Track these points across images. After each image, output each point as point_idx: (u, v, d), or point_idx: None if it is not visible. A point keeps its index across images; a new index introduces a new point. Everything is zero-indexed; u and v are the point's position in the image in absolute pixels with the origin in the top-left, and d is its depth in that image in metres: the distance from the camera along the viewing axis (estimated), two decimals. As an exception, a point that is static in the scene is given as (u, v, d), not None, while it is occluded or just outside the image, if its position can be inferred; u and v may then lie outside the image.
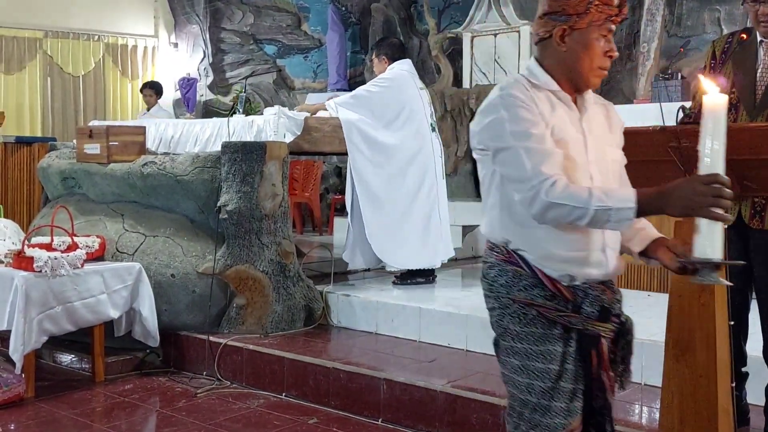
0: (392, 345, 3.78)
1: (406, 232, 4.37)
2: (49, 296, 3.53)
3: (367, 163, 4.34)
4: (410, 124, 4.39)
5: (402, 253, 4.38)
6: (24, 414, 3.34)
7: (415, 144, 4.40)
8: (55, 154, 4.95)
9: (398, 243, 4.37)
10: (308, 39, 9.09)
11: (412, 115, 4.40)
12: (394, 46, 4.59)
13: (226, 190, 4.02)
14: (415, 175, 4.38)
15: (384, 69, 4.51)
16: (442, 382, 3.13)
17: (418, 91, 4.49)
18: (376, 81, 4.45)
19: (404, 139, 4.38)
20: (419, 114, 4.43)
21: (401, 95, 4.39)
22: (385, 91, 4.38)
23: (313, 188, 7.34)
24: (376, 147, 4.36)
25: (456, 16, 8.06)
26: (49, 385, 3.71)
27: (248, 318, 4.01)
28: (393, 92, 4.38)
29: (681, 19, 6.50)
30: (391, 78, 4.42)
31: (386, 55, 4.51)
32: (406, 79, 4.45)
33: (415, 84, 4.50)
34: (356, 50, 8.87)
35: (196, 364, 3.94)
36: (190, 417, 3.29)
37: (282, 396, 3.56)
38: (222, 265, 4.00)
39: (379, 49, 4.57)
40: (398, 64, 4.48)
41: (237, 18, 9.17)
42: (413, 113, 4.40)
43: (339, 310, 4.18)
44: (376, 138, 4.35)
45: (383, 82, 4.42)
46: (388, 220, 4.35)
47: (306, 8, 9.04)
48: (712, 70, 2.60)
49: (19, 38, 8.10)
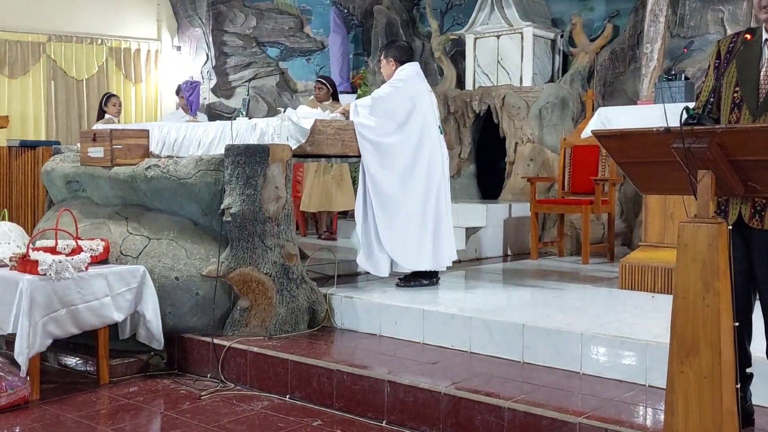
0: (396, 347, 3.78)
1: (416, 233, 4.38)
2: (53, 299, 3.54)
3: (377, 165, 4.36)
4: (420, 125, 4.41)
5: (412, 254, 4.40)
6: (29, 417, 3.35)
7: (423, 145, 4.42)
8: (59, 157, 4.96)
9: (409, 244, 4.38)
10: (311, 41, 9.11)
11: (421, 116, 4.42)
12: (402, 48, 4.60)
13: (229, 193, 4.02)
14: (423, 176, 4.40)
15: (391, 71, 4.52)
16: (445, 383, 3.13)
17: (428, 94, 4.52)
18: (392, 82, 4.47)
19: (413, 139, 4.40)
20: (429, 116, 4.46)
21: (413, 96, 4.42)
22: (399, 91, 4.40)
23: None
24: (383, 149, 4.38)
25: (458, 17, 8.07)
26: (54, 388, 3.72)
27: (252, 320, 4.02)
28: (406, 93, 4.41)
29: (684, 19, 6.50)
30: (404, 80, 4.45)
31: (394, 57, 4.52)
32: (417, 81, 4.48)
33: (425, 86, 4.53)
34: (359, 52, 8.89)
35: (200, 366, 3.94)
36: (194, 419, 3.29)
37: (286, 398, 3.56)
38: (226, 267, 4.00)
39: (388, 51, 4.58)
40: (408, 66, 4.49)
41: (239, 21, 9.20)
42: (423, 115, 4.43)
43: (342, 312, 4.18)
44: (384, 142, 4.37)
45: (398, 83, 4.44)
46: (399, 221, 4.36)
47: (308, 11, 9.06)
48: (716, 70, 2.60)
49: (22, 42, 8.13)
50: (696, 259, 1.98)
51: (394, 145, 4.38)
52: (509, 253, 6.31)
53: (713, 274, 1.95)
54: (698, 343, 1.95)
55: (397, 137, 4.38)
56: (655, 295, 4.21)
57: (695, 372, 1.95)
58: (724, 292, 1.95)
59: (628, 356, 3.17)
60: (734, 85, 2.52)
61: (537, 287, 4.60)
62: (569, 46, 7.33)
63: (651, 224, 4.50)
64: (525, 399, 2.92)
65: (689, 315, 1.98)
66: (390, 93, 4.41)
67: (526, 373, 3.30)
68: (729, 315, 1.97)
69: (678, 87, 4.64)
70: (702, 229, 1.99)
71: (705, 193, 2.01)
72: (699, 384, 1.94)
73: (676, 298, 2.03)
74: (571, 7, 7.39)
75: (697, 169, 2.02)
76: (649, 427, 2.66)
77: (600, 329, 3.36)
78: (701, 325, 1.95)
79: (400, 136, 4.38)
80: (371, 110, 4.37)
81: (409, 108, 4.39)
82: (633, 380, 3.13)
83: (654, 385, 3.03)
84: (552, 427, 2.75)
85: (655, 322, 3.44)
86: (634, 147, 2.12)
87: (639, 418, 2.78)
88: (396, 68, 4.50)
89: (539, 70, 7.21)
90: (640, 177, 2.24)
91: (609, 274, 5.10)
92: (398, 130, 4.38)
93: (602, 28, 7.13)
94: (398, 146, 4.38)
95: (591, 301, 4.13)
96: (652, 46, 5.83)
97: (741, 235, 2.45)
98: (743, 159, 1.98)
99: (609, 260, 5.75)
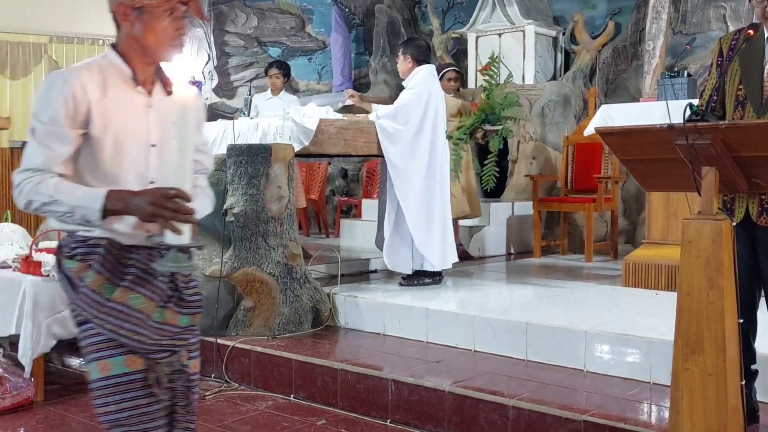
0: (400, 346, 3.78)
1: (431, 231, 4.42)
2: (57, 300, 3.54)
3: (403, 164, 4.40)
4: (431, 126, 4.44)
5: (438, 252, 4.44)
6: (33, 418, 3.35)
7: (435, 145, 4.45)
8: (62, 158, 4.96)
9: (436, 243, 4.43)
10: (312, 41, 9.11)
11: (434, 118, 4.45)
12: (422, 48, 4.59)
13: (232, 193, 4.02)
14: (437, 176, 4.44)
15: (407, 69, 4.52)
16: (449, 382, 3.13)
17: (439, 94, 4.53)
18: (412, 88, 4.48)
19: (427, 140, 4.43)
20: (440, 120, 4.50)
21: (428, 99, 4.45)
22: (418, 96, 4.44)
23: (319, 190, 7.35)
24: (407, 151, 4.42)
25: (460, 16, 8.06)
26: (58, 389, 3.72)
27: (255, 320, 4.02)
28: (423, 97, 4.44)
29: (686, 16, 6.49)
30: (421, 84, 4.47)
31: (412, 55, 4.51)
32: (433, 84, 4.51)
33: (438, 88, 4.55)
34: (360, 51, 8.88)
35: (204, 366, 3.92)
36: (198, 419, 3.27)
37: (290, 397, 3.56)
38: (229, 267, 4.00)
39: (407, 48, 4.57)
40: (425, 68, 4.49)
41: (241, 21, 9.19)
42: (436, 117, 4.46)
43: (346, 311, 4.18)
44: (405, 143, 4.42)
45: (417, 89, 4.46)
46: (423, 220, 4.41)
47: (310, 10, 9.06)
48: (719, 67, 2.59)
49: (24, 44, 8.13)
50: (700, 256, 1.98)
51: (415, 147, 4.43)
52: (512, 252, 6.31)
53: (717, 271, 1.95)
54: (703, 341, 1.95)
55: (416, 139, 4.43)
56: (659, 292, 4.20)
57: (700, 369, 1.94)
58: (729, 289, 1.95)
59: (632, 354, 3.17)
60: (737, 83, 2.51)
61: (540, 285, 4.60)
62: (571, 44, 7.32)
63: (654, 222, 4.50)
64: (529, 397, 2.92)
65: (694, 312, 1.97)
66: (410, 99, 4.44)
67: (530, 371, 3.30)
68: (733, 312, 1.97)
69: (681, 84, 4.63)
70: (706, 226, 1.98)
71: (709, 190, 2.00)
72: (704, 381, 1.94)
73: (680, 295, 2.02)
74: (573, 4, 7.38)
75: (700, 165, 2.01)
76: (654, 425, 2.65)
77: (604, 327, 3.35)
78: (706, 322, 1.95)
79: (418, 138, 4.43)
80: (393, 118, 4.43)
81: (423, 109, 4.43)
82: (637, 377, 3.12)
83: (658, 383, 3.03)
84: (556, 424, 2.75)
85: (658, 320, 3.44)
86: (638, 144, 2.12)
87: (643, 416, 2.78)
88: (413, 66, 4.49)
89: (541, 68, 7.20)
90: (644, 174, 2.24)
91: (612, 271, 5.09)
92: (416, 134, 4.43)
93: (604, 25, 7.12)
94: (417, 148, 4.43)
95: (594, 299, 4.12)
96: (654, 43, 5.82)
97: (746, 232, 2.44)
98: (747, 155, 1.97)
99: (612, 258, 5.75)
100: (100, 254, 1.67)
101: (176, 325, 1.72)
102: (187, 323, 1.75)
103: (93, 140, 1.65)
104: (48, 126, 1.62)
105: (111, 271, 1.67)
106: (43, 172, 1.60)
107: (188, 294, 1.76)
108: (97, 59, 1.72)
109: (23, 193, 1.60)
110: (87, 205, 1.56)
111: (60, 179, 1.61)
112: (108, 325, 1.65)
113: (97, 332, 1.67)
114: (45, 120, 1.62)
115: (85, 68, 1.68)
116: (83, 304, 1.68)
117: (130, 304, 1.66)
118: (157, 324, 1.68)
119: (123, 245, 1.69)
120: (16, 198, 1.62)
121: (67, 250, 1.70)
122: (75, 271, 1.68)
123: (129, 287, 1.67)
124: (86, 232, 1.67)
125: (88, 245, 1.68)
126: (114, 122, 1.66)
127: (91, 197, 1.57)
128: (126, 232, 1.67)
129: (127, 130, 1.68)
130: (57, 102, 1.61)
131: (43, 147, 1.62)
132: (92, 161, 1.66)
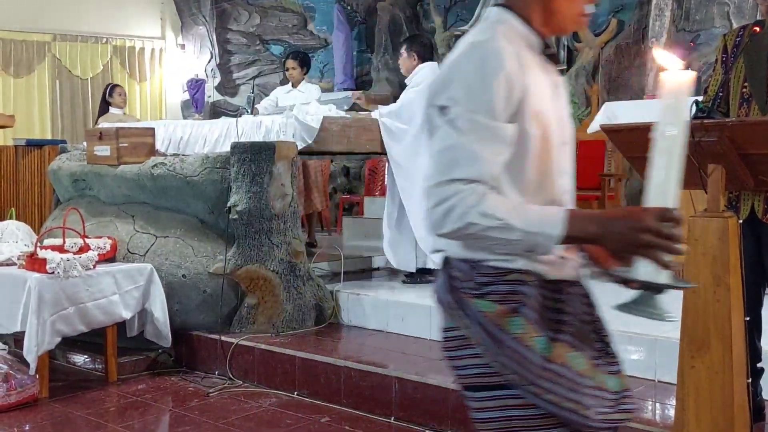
0: (403, 343, 3.78)
1: None
2: (61, 297, 3.55)
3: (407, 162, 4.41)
4: None
5: None
6: (38, 414, 3.36)
7: None
8: (66, 156, 4.97)
9: None
10: (314, 39, 9.10)
11: None
12: (426, 46, 4.59)
13: (235, 191, 4.02)
14: None
15: (411, 66, 4.51)
16: (453, 380, 3.12)
17: None
18: (415, 86, 4.48)
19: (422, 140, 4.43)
20: None
21: None
22: (421, 94, 4.42)
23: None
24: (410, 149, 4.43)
25: (462, 14, 8.05)
26: (63, 386, 3.73)
27: (259, 317, 4.02)
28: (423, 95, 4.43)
29: (689, 13, 6.47)
30: (424, 81, 4.46)
31: (417, 53, 4.50)
32: None
33: None
34: (362, 49, 8.87)
35: (208, 363, 3.95)
36: (202, 416, 3.30)
37: (293, 395, 3.56)
38: (232, 265, 4.00)
39: (412, 45, 4.56)
40: (428, 65, 4.49)
41: (243, 19, 9.19)
42: None
43: (349, 308, 4.18)
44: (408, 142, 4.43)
45: (420, 86, 4.45)
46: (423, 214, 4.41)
47: (312, 8, 9.05)
48: (724, 64, 2.59)
49: (27, 42, 8.14)
50: (706, 253, 1.97)
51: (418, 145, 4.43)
52: (515, 249, 6.29)
53: (724, 269, 1.95)
54: (709, 338, 1.94)
55: (420, 137, 4.43)
56: (663, 290, 4.19)
57: (706, 367, 1.94)
58: (735, 286, 1.94)
59: (637, 352, 3.16)
60: (742, 80, 2.51)
61: (544, 283, 4.59)
62: (574, 42, 7.31)
63: (658, 219, 4.48)
64: (533, 395, 2.92)
65: (700, 310, 1.97)
66: (412, 98, 4.43)
67: (534, 368, 3.29)
68: (740, 309, 1.96)
69: (684, 81, 4.61)
70: (713, 223, 1.98)
71: (715, 187, 2.00)
72: (710, 379, 1.93)
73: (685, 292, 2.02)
74: (576, 2, 7.36)
75: (706, 162, 2.01)
76: (659, 423, 2.65)
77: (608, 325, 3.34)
78: (712, 319, 1.94)
79: (421, 136, 4.43)
80: (395, 116, 4.45)
81: None
82: (642, 376, 3.12)
83: (663, 381, 3.02)
84: (561, 422, 2.74)
85: (663, 317, 3.43)
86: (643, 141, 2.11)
87: (648, 413, 2.78)
88: (417, 63, 4.49)
89: (544, 65, 7.19)
90: (649, 172, 2.23)
91: (616, 269, 5.08)
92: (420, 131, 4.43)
93: (607, 22, 7.11)
94: (421, 146, 4.43)
95: (598, 297, 4.11)
96: (658, 40, 5.81)
97: (751, 230, 2.44)
98: (754, 153, 1.97)
99: (615, 256, 5.73)
100: (526, 294, 1.25)
101: (610, 389, 1.30)
102: (618, 386, 1.32)
103: (523, 138, 1.23)
104: (483, 119, 1.18)
105: (543, 317, 1.26)
106: (480, 185, 1.17)
107: (610, 342, 1.38)
108: (491, 22, 1.32)
109: (455, 213, 1.16)
110: (544, 231, 1.15)
111: (500, 196, 1.20)
112: (550, 396, 1.23)
113: (528, 403, 1.25)
114: (480, 110, 1.18)
115: (500, 35, 1.25)
116: (513, 363, 1.24)
117: (571, 365, 1.25)
118: (612, 393, 1.28)
119: (548, 280, 1.28)
120: (438, 218, 1.18)
121: (472, 286, 1.27)
122: (493, 317, 1.25)
123: (569, 342, 1.27)
124: (503, 262, 1.25)
125: (509, 282, 1.25)
126: (541, 111, 1.25)
127: (549, 220, 1.16)
128: (553, 262, 1.26)
129: (550, 122, 1.27)
130: (493, 85, 1.19)
131: (481, 148, 1.18)
132: (516, 167, 1.24)
